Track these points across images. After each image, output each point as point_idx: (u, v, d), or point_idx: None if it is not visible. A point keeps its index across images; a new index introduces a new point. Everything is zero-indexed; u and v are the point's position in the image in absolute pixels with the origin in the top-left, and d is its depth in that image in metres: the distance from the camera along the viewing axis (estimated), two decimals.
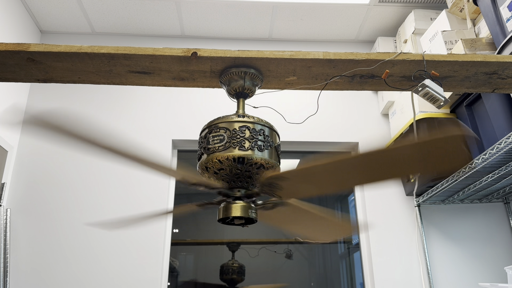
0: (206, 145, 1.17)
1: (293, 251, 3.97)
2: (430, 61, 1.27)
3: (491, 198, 2.57)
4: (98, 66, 1.27)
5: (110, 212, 2.54)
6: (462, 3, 2.36)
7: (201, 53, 1.22)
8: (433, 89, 1.23)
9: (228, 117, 1.19)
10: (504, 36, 1.82)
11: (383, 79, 1.31)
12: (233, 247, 3.33)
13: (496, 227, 2.63)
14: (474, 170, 2.01)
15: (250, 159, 1.13)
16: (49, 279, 2.39)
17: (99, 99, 2.89)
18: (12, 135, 2.66)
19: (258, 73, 1.29)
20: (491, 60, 1.28)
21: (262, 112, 1.44)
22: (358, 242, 2.82)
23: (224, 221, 1.22)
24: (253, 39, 3.21)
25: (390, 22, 3.03)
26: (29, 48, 1.20)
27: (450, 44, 2.26)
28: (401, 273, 2.50)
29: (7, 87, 2.63)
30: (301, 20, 3.02)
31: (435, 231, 2.60)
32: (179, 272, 3.72)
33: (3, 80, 1.34)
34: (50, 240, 2.47)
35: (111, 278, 2.41)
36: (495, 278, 2.48)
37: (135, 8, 2.89)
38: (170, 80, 1.35)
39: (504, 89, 1.43)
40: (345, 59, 1.25)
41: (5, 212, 2.45)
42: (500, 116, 1.96)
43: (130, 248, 2.47)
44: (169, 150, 2.76)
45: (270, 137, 1.19)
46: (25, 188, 2.59)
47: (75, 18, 2.98)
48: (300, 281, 4.11)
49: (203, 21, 3.02)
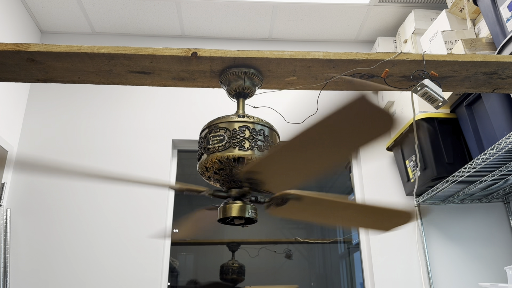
0: (206, 145, 1.17)
1: (293, 251, 3.97)
2: (430, 61, 1.27)
3: (491, 198, 2.57)
4: (98, 66, 1.27)
5: (110, 212, 2.54)
6: (462, 3, 2.36)
7: (201, 53, 1.22)
8: (431, 89, 1.23)
9: (228, 117, 1.19)
10: (504, 36, 1.82)
11: (383, 79, 1.31)
12: (233, 247, 3.33)
13: (496, 227, 2.63)
14: (474, 170, 2.01)
15: (249, 159, 1.13)
16: (49, 279, 2.39)
17: (99, 99, 2.89)
18: (12, 135, 2.66)
19: (258, 73, 1.29)
20: (491, 60, 1.28)
21: (262, 112, 1.44)
22: (358, 242, 2.82)
23: (224, 221, 1.22)
24: (253, 39, 3.21)
25: (390, 22, 3.03)
26: (29, 48, 1.20)
27: (450, 44, 2.26)
28: (401, 273, 2.50)
29: (7, 87, 2.63)
30: (301, 20, 3.02)
31: (435, 231, 2.60)
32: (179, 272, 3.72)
33: (3, 80, 1.34)
34: (50, 240, 2.47)
35: (111, 278, 2.41)
36: (495, 278, 2.48)
37: (135, 8, 2.89)
38: (170, 80, 1.35)
39: (504, 89, 1.43)
40: (345, 59, 1.25)
41: (5, 212, 2.45)
42: (500, 116, 1.96)
43: (130, 248, 2.47)
44: (169, 150, 2.76)
45: (270, 137, 1.19)
46: (25, 188, 2.59)
47: (75, 18, 2.98)
48: (300, 281, 4.11)
49: (203, 21, 3.02)
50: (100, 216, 2.54)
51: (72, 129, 2.78)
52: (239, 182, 1.17)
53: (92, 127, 2.79)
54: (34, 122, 2.80)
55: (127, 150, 2.73)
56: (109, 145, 2.74)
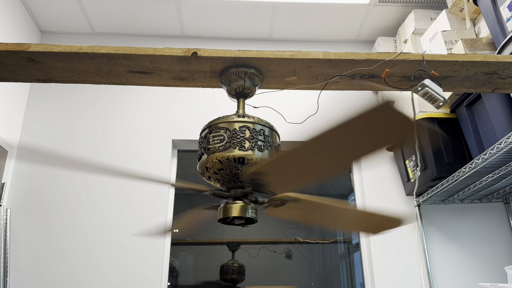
0: (206, 145, 1.16)
1: (293, 251, 3.97)
2: (430, 61, 1.27)
3: (491, 198, 2.57)
4: (98, 66, 1.27)
5: (110, 212, 2.54)
6: (462, 3, 2.36)
7: (201, 53, 1.22)
8: (432, 89, 1.23)
9: (228, 117, 1.19)
10: (504, 36, 1.82)
11: (383, 79, 1.31)
12: (233, 247, 3.33)
13: (496, 227, 2.63)
14: (474, 170, 2.01)
15: (249, 159, 1.13)
16: (49, 279, 2.39)
17: (99, 99, 2.89)
18: (12, 135, 2.66)
19: (258, 73, 1.29)
20: (491, 60, 1.28)
21: (262, 112, 1.44)
22: (358, 242, 2.82)
23: (224, 221, 1.22)
24: (253, 39, 3.21)
25: (390, 22, 3.03)
26: (29, 48, 1.20)
27: (450, 44, 2.26)
28: (401, 273, 2.50)
29: (7, 87, 2.63)
30: (301, 20, 3.02)
31: (435, 231, 2.60)
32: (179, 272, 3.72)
33: (3, 80, 1.34)
34: (50, 240, 2.47)
35: (111, 278, 2.40)
36: (495, 278, 2.48)
37: (135, 8, 2.89)
38: (170, 80, 1.35)
39: (504, 89, 1.43)
40: (345, 59, 1.25)
41: (5, 212, 2.45)
42: (500, 116, 1.96)
43: (130, 248, 2.47)
44: (169, 150, 2.76)
45: (270, 137, 1.19)
46: (25, 188, 2.59)
47: (75, 18, 2.98)
48: (300, 281, 4.11)
49: (203, 21, 3.02)
50: (100, 216, 2.54)
51: (72, 129, 2.78)
52: (241, 182, 1.17)
53: (92, 127, 2.79)
54: (34, 122, 2.80)
55: (127, 150, 2.73)
56: (109, 145, 2.74)
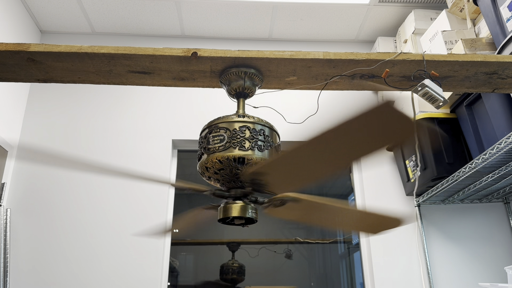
0: (206, 145, 1.16)
1: (293, 251, 3.97)
2: (430, 61, 1.27)
3: (491, 198, 2.57)
4: (98, 66, 1.27)
5: (110, 212, 2.54)
6: (462, 3, 2.36)
7: (201, 53, 1.22)
8: (432, 89, 1.23)
9: (228, 117, 1.19)
10: (504, 36, 1.82)
11: (383, 79, 1.31)
12: (233, 247, 3.33)
13: (496, 227, 2.63)
14: (474, 170, 2.01)
15: (249, 159, 1.13)
16: (49, 279, 2.39)
17: (99, 99, 2.89)
18: (12, 135, 2.66)
19: (258, 73, 1.29)
20: (491, 60, 1.28)
21: (262, 112, 1.44)
22: (358, 242, 2.82)
23: (224, 221, 1.22)
24: (253, 39, 3.21)
25: (390, 22, 3.03)
26: (29, 48, 1.20)
27: (450, 44, 2.26)
28: (401, 273, 2.50)
29: (7, 87, 2.63)
30: (301, 20, 3.02)
31: (435, 231, 2.60)
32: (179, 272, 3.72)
33: (3, 80, 1.34)
34: (50, 240, 2.47)
35: (111, 278, 2.40)
36: (495, 278, 2.48)
37: (135, 8, 2.89)
38: (170, 80, 1.35)
39: (504, 89, 1.43)
40: (345, 59, 1.25)
41: (5, 212, 2.45)
42: (500, 116, 1.96)
43: (130, 248, 2.47)
44: (169, 150, 2.76)
45: (270, 137, 1.19)
46: (25, 188, 2.59)
47: (75, 18, 2.98)
48: (300, 281, 4.11)
49: (203, 21, 3.02)
50: (100, 216, 2.54)
51: (72, 129, 2.78)
52: (241, 182, 1.17)
53: (92, 127, 2.79)
54: (34, 122, 2.80)
55: (127, 150, 2.73)
56: (109, 145, 2.74)
